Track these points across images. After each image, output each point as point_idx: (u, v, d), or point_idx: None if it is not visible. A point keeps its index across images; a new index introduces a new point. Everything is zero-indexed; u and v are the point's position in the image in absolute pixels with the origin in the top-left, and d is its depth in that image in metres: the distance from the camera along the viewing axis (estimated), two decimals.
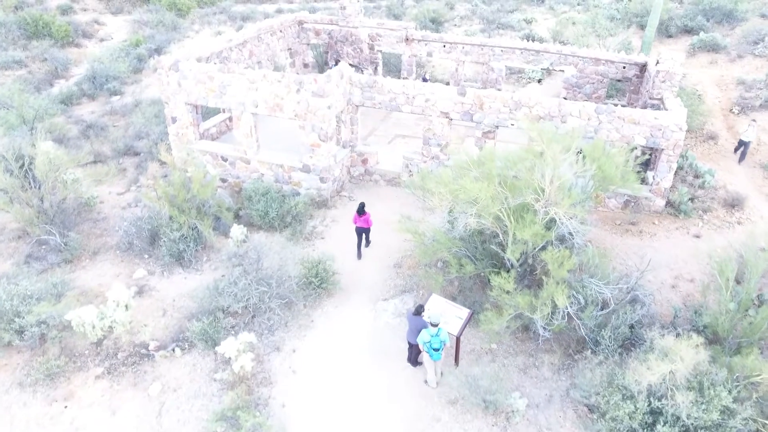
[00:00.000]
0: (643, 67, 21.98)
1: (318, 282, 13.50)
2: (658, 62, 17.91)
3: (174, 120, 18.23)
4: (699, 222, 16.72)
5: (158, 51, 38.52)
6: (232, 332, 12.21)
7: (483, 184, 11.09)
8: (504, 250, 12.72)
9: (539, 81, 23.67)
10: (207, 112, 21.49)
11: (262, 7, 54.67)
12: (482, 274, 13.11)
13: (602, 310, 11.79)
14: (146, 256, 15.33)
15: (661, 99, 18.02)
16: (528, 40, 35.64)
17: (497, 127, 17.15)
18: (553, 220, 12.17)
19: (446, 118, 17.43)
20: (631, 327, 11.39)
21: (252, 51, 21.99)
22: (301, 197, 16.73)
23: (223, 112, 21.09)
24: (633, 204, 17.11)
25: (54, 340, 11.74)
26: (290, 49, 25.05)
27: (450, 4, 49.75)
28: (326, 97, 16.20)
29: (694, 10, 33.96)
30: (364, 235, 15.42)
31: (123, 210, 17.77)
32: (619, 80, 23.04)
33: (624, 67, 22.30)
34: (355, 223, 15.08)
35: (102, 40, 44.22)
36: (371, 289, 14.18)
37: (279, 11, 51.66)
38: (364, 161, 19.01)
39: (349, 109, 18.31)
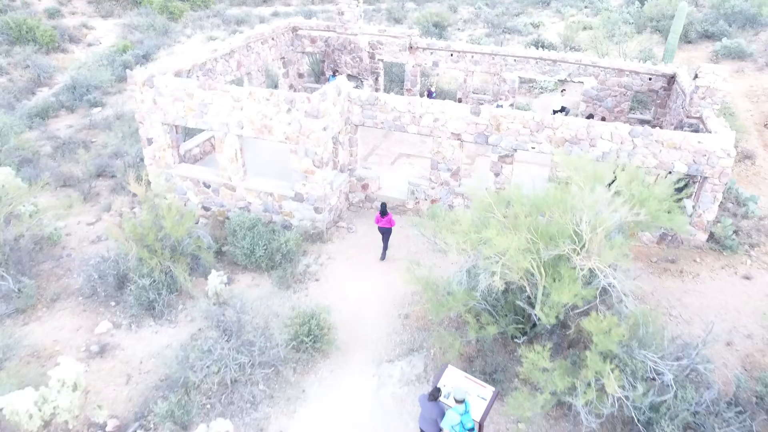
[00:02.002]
0: (671, 79, 19.93)
1: (311, 341, 11.42)
2: (696, 76, 15.85)
3: (150, 141, 16.14)
4: (747, 259, 14.65)
5: (146, 57, 36.48)
6: (206, 412, 10.11)
7: (511, 237, 9.01)
8: (532, 305, 10.67)
9: (562, 91, 21.60)
10: (190, 130, 19.44)
11: (257, 10, 52.61)
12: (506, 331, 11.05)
13: (653, 380, 9.72)
14: (113, 303, 13.25)
15: (700, 118, 15.95)
16: (538, 47, 33.62)
17: (515, 150, 15.09)
18: (592, 272, 10.13)
19: (457, 140, 15.36)
20: (695, 412, 9.32)
21: (240, 62, 19.91)
22: (293, 232, 14.62)
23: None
24: (670, 238, 15.04)
25: None
26: (283, 58, 22.97)
27: (452, 6, 47.71)
28: (321, 118, 14.14)
29: (715, 14, 31.95)
30: (383, 237, 14.97)
31: (92, 244, 15.69)
32: (643, 93, 21.03)
33: (650, 79, 20.25)
34: (378, 223, 14.64)
35: (90, 45, 42.22)
36: (374, 347, 12.08)
37: (275, 14, 49.65)
38: (365, 187, 16.94)
39: (348, 130, 16.24)
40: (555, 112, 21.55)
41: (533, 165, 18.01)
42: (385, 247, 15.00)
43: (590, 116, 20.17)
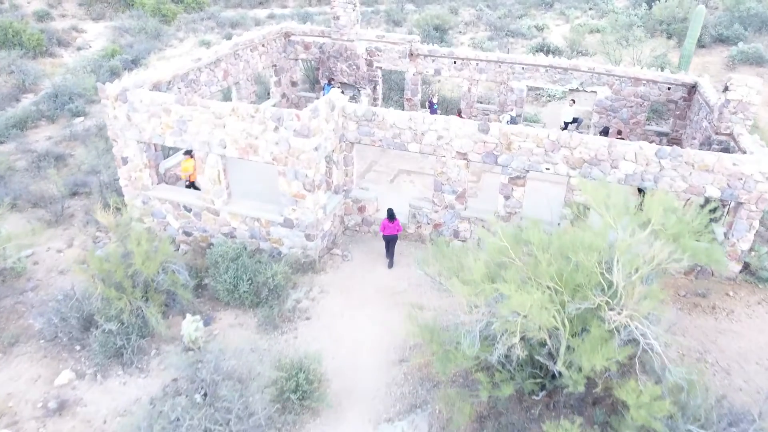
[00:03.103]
0: (691, 89, 18.49)
1: (298, 398, 9.95)
2: (727, 88, 14.40)
3: (125, 161, 14.67)
4: None
5: (135, 62, 35.03)
6: None
7: (531, 292, 7.55)
8: (553, 358, 9.23)
9: (572, 101, 20.17)
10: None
11: (252, 12, 51.17)
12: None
13: None
14: (78, 347, 11.78)
15: (731, 135, 14.50)
16: (543, 51, 32.17)
17: (528, 171, 13.63)
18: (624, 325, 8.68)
19: (463, 159, 13.90)
20: None
21: (227, 71, 18.44)
22: (281, 264, 13.13)
23: None
24: (700, 269, 13.59)
25: None
26: (275, 65, 21.51)
27: (453, 9, 46.24)
28: (312, 137, 12.68)
29: (729, 17, 30.48)
30: (390, 244, 14.26)
31: (61, 275, 14.23)
32: (661, 103, 19.60)
33: (669, 89, 18.80)
34: (383, 231, 13.99)
35: (79, 48, 40.82)
36: (371, 402, 10.60)
37: (271, 17, 48.23)
38: (361, 209, 15.47)
39: (343, 148, 14.78)
40: (567, 124, 20.11)
41: (545, 183, 16.57)
42: (392, 254, 14.35)
43: (605, 130, 18.75)
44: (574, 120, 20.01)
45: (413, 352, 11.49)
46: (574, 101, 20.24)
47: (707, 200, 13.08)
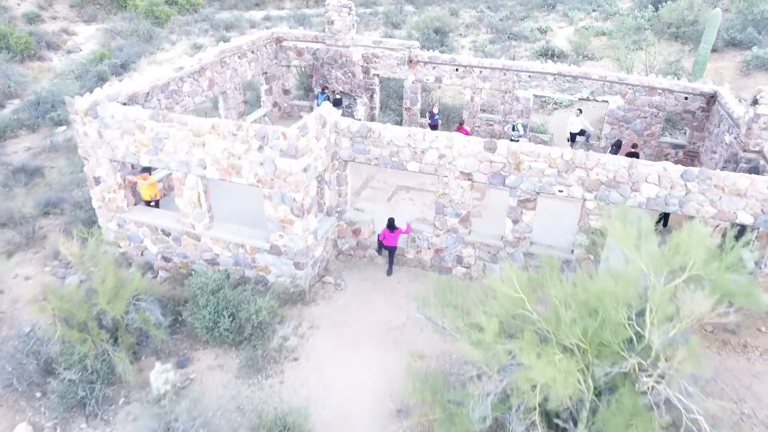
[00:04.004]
0: (710, 99, 17.26)
1: None
2: (756, 101, 13.16)
3: (97, 181, 13.42)
4: None
5: (124, 67, 33.83)
6: None
7: (554, 359, 6.30)
8: (574, 422, 7.99)
9: (578, 111, 18.91)
10: None
11: (249, 14, 49.88)
12: None
13: None
14: (38, 393, 10.53)
15: (761, 153, 13.26)
16: (548, 56, 30.97)
17: (538, 193, 12.38)
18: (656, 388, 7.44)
19: (468, 180, 12.65)
20: None
21: (213, 80, 17.19)
22: (266, 299, 11.85)
23: None
24: (729, 302, 12.31)
25: None
26: (266, 73, 20.25)
27: (453, 10, 44.98)
28: (300, 158, 11.43)
29: (742, 20, 29.23)
30: (390, 254, 13.71)
31: (27, 305, 12.96)
32: (678, 114, 18.38)
33: (686, 98, 17.57)
34: (383, 239, 13.26)
35: (69, 52, 39.57)
36: None
37: (267, 18, 46.97)
38: (356, 232, 14.23)
39: (336, 166, 13.53)
40: (573, 135, 18.87)
41: (554, 200, 15.30)
42: (392, 262, 13.87)
43: (618, 143, 17.51)
44: (582, 132, 18.76)
45: (413, 404, 10.22)
46: (581, 111, 18.99)
47: (737, 226, 11.85)
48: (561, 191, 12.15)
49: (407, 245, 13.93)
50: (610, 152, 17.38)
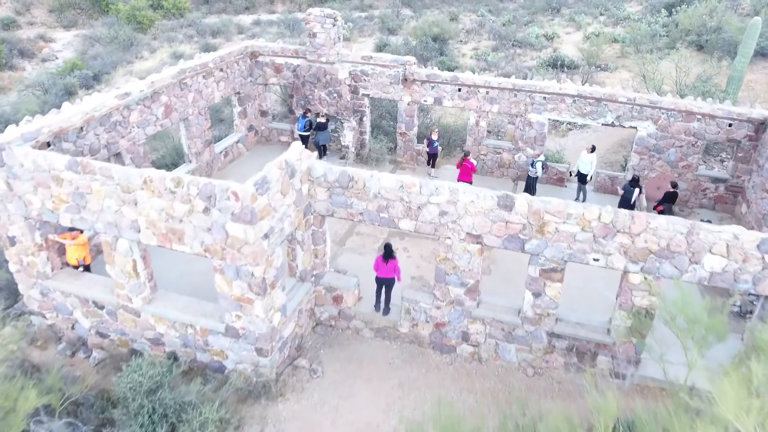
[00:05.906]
0: (760, 125, 14.60)
1: None
2: None
3: (12, 241, 10.70)
4: None
5: (96, 78, 31.11)
6: None
7: None
8: None
9: (592, 148, 16.02)
10: None
11: (237, 18, 47.22)
12: None
13: None
14: None
15: None
16: (558, 68, 28.26)
17: (566, 262, 9.67)
18: None
19: (477, 243, 9.94)
20: None
21: (170, 105, 14.46)
22: (213, 410, 9.11)
23: None
24: None
25: None
26: (239, 93, 17.53)
27: (453, 14, 42.32)
28: (258, 222, 8.72)
29: None
30: (385, 289, 11.17)
31: None
32: (720, 143, 15.67)
33: (730, 125, 14.89)
34: (376, 270, 10.93)
35: (44, 60, 36.97)
36: None
37: (256, 23, 44.32)
38: (337, 299, 11.51)
39: (310, 222, 10.81)
40: (583, 176, 15.66)
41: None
42: (388, 300, 11.33)
43: (635, 180, 14.33)
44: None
45: None
46: (594, 148, 15.90)
47: None
48: (597, 260, 9.44)
49: (401, 318, 11.21)
50: (623, 194, 14.30)
